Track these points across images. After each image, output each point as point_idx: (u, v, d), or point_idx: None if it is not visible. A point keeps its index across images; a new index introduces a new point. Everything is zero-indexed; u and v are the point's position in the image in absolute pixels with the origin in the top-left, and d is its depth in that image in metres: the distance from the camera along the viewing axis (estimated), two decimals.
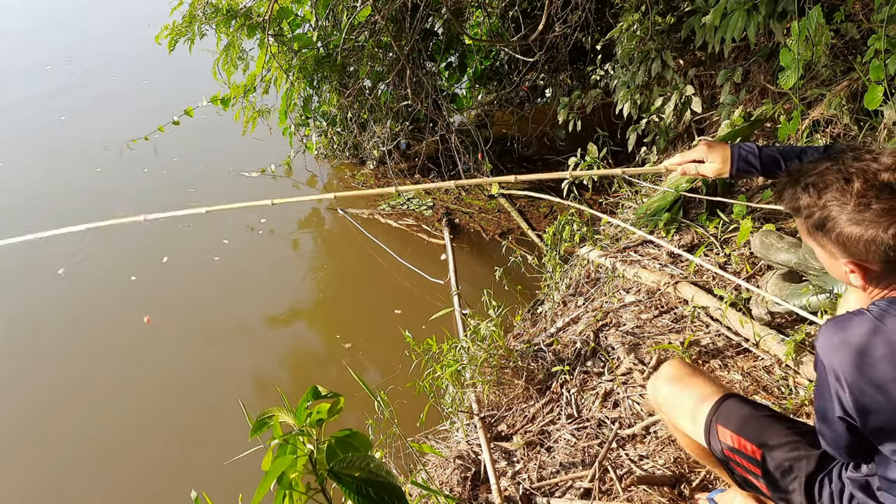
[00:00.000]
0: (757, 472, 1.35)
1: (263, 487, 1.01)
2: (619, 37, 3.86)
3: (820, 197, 1.14)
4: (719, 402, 1.44)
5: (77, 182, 5.51)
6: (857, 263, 1.14)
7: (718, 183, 3.22)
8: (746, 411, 1.40)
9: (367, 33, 4.71)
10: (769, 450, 1.33)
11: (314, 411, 1.07)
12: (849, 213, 1.10)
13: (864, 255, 1.12)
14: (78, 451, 3.23)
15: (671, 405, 1.54)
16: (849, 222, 1.10)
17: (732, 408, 1.41)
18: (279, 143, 5.32)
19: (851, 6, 2.96)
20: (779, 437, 1.34)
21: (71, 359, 3.78)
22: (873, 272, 1.14)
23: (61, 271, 4.43)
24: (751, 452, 1.35)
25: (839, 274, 1.21)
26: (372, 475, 0.99)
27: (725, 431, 1.40)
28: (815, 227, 1.17)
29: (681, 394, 1.51)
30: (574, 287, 3.29)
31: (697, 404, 1.46)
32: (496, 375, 2.62)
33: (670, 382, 1.55)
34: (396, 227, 4.72)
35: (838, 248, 1.15)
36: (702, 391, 1.48)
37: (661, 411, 1.61)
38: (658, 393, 1.58)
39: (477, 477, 2.30)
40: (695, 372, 1.55)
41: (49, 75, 7.56)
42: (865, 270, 1.14)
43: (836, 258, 1.18)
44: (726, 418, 1.40)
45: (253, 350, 3.77)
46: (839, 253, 1.16)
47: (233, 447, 1.96)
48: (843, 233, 1.11)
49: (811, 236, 1.21)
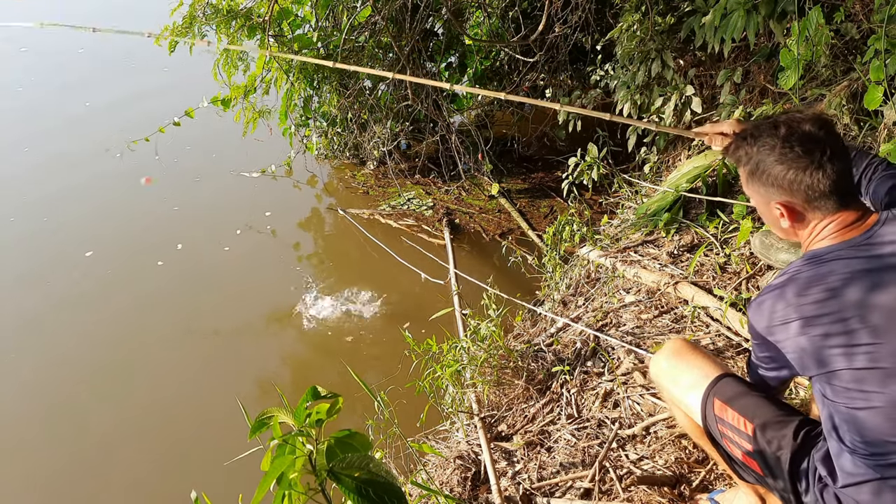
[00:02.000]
0: (749, 449, 1.38)
1: (263, 488, 1.01)
2: (619, 37, 3.86)
3: (754, 144, 1.34)
4: (718, 378, 1.48)
5: (78, 182, 5.52)
6: (784, 204, 1.32)
7: (719, 183, 3.22)
8: (743, 389, 1.44)
9: (367, 34, 4.71)
10: (762, 426, 1.37)
11: (314, 411, 1.07)
12: (776, 155, 1.30)
13: (789, 195, 1.31)
14: (77, 452, 3.23)
15: (670, 378, 1.57)
16: (775, 163, 1.30)
17: (730, 384, 1.46)
18: (279, 143, 5.32)
19: (851, 6, 2.95)
20: (771, 415, 1.37)
21: (70, 359, 3.78)
22: (797, 212, 1.32)
23: (89, 254, 4.50)
24: (743, 427, 1.39)
25: (772, 219, 1.39)
26: (372, 475, 0.99)
27: (721, 405, 1.44)
28: (750, 173, 1.36)
29: (680, 368, 1.55)
30: (574, 287, 3.29)
31: (697, 379, 1.51)
32: (496, 375, 2.62)
33: (671, 357, 1.58)
34: (397, 228, 4.72)
35: (769, 189, 1.33)
36: (702, 367, 1.52)
37: (661, 386, 1.63)
38: (659, 368, 1.61)
39: (477, 477, 2.30)
40: (696, 350, 1.58)
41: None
42: (791, 210, 1.32)
43: (768, 203, 1.36)
44: (723, 393, 1.45)
45: (253, 350, 3.77)
46: (770, 195, 1.33)
47: (232, 448, 1.96)
48: (772, 173, 1.31)
49: (749, 184, 1.38)
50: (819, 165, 1.27)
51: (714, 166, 3.27)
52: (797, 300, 1.25)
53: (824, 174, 1.26)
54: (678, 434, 2.11)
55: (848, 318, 1.19)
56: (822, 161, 1.26)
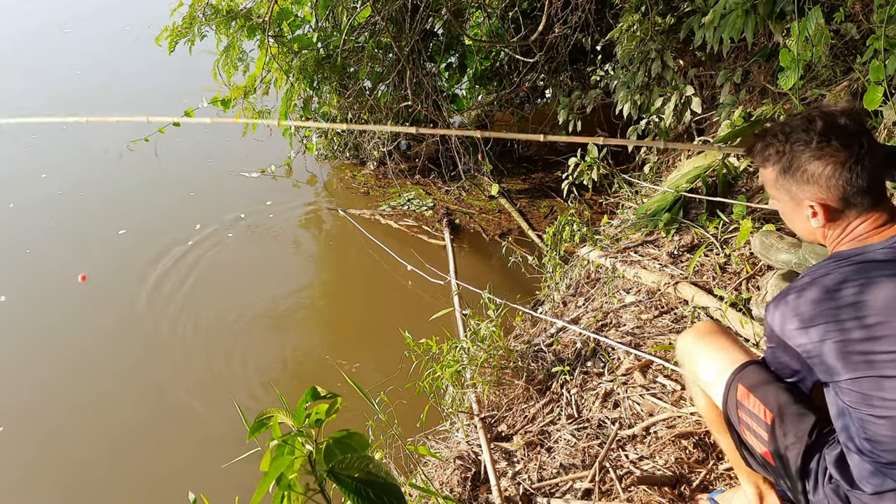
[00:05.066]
0: (766, 438, 1.37)
1: (263, 488, 1.01)
2: (619, 37, 3.87)
3: (787, 141, 1.28)
4: (745, 364, 1.46)
5: (75, 181, 5.52)
6: (819, 202, 1.26)
7: (719, 183, 3.22)
8: (769, 377, 1.42)
9: (367, 34, 4.72)
10: (781, 417, 1.35)
11: (313, 412, 1.07)
12: (812, 150, 1.24)
13: (825, 192, 1.25)
14: (75, 453, 3.23)
15: (697, 357, 1.55)
16: (811, 158, 1.24)
17: (756, 371, 1.44)
18: (279, 143, 5.33)
19: (851, 6, 2.96)
20: (793, 409, 1.35)
21: (69, 359, 3.78)
22: (833, 210, 1.26)
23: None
24: (763, 416, 1.37)
25: (800, 222, 1.33)
26: (371, 476, 0.99)
27: (744, 390, 1.42)
28: (782, 171, 1.29)
29: (709, 349, 1.53)
30: (574, 287, 3.29)
31: (723, 362, 1.49)
32: (496, 376, 2.62)
33: (701, 337, 1.56)
34: (397, 228, 4.72)
35: (803, 187, 1.27)
36: (730, 351, 1.50)
37: (684, 362, 1.62)
38: (686, 344, 1.59)
39: (477, 477, 2.30)
40: (726, 333, 1.56)
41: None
42: (826, 209, 1.26)
43: (799, 203, 1.30)
44: (747, 379, 1.43)
45: (252, 350, 3.77)
46: (803, 194, 1.27)
47: (232, 448, 1.96)
48: (808, 169, 1.25)
49: (777, 185, 1.32)
50: (858, 160, 1.22)
51: (714, 166, 3.27)
52: (822, 304, 1.21)
53: (863, 169, 1.22)
54: (678, 434, 2.11)
55: (873, 325, 1.16)
56: (861, 155, 1.22)
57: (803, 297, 1.24)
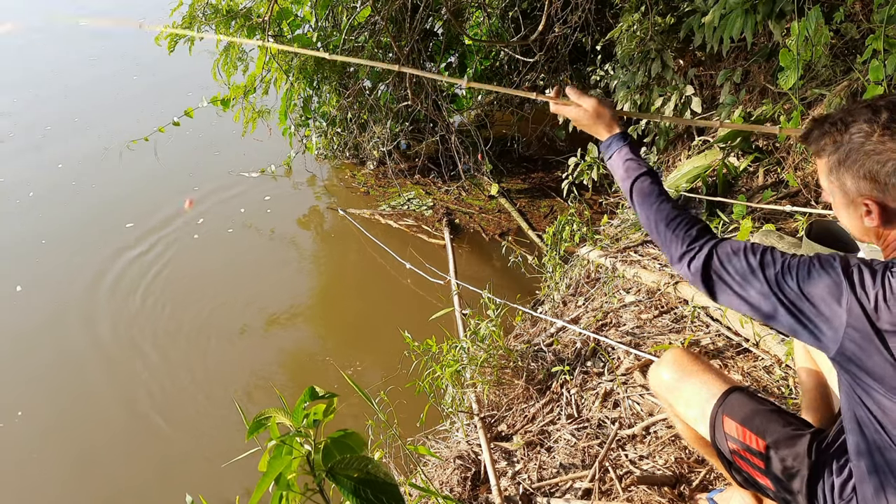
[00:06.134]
0: (761, 466, 1.35)
1: (261, 488, 1.01)
2: (619, 37, 3.87)
3: (846, 130, 1.14)
4: (726, 394, 1.44)
5: (76, 181, 5.52)
6: (875, 200, 1.13)
7: (719, 183, 3.22)
8: (753, 405, 1.40)
9: (366, 34, 4.71)
10: (775, 444, 1.33)
11: (311, 412, 1.07)
12: (873, 143, 1.11)
13: (883, 189, 1.11)
14: (73, 453, 3.22)
15: (673, 391, 1.53)
16: (872, 152, 1.11)
17: (739, 400, 1.42)
18: (279, 143, 5.32)
19: (851, 6, 2.96)
20: (784, 432, 1.34)
21: (67, 360, 3.78)
22: (890, 211, 1.13)
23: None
24: (756, 445, 1.36)
25: (853, 219, 1.20)
26: (370, 476, 0.99)
27: (732, 423, 1.40)
28: (838, 162, 1.16)
29: (683, 382, 1.51)
30: (574, 287, 3.29)
31: (703, 395, 1.47)
32: (496, 375, 2.62)
33: (672, 370, 1.54)
34: (396, 228, 4.72)
35: (859, 183, 1.14)
36: (706, 382, 1.48)
37: (663, 400, 1.60)
38: (660, 381, 1.57)
39: (477, 477, 2.30)
40: (698, 360, 1.54)
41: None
42: (882, 208, 1.13)
43: (853, 199, 1.17)
44: (732, 410, 1.41)
45: (251, 350, 3.76)
46: (859, 189, 1.14)
47: (231, 449, 1.96)
48: (866, 164, 1.11)
49: (832, 176, 1.19)
50: None
51: (714, 166, 3.27)
52: (875, 290, 1.07)
53: None
54: (678, 434, 2.11)
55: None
56: None
57: (869, 273, 1.09)
